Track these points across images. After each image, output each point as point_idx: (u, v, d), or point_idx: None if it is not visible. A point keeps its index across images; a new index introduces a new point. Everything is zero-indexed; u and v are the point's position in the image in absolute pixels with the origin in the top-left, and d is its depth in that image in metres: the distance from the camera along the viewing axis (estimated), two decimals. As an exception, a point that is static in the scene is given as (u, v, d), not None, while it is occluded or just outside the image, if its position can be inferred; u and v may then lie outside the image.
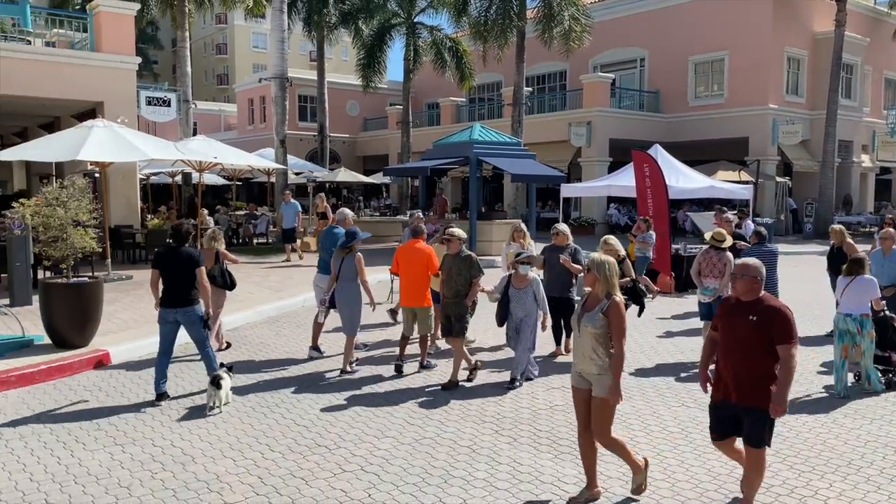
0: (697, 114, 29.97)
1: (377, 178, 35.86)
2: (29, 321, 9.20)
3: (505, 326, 7.66)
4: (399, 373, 7.88)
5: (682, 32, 29.98)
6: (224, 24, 66.31)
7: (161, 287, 6.96)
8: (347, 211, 9.69)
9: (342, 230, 8.69)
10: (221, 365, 7.03)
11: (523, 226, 9.58)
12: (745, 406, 4.36)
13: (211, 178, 26.15)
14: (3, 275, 11.91)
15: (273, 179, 22.44)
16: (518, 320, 7.48)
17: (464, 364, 7.63)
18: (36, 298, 10.49)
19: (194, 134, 24.02)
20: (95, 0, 17.09)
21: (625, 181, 16.69)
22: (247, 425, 6.24)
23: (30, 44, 16.93)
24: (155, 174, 24.40)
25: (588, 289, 4.82)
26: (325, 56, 33.20)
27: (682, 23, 30.03)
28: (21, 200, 8.87)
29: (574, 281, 8.49)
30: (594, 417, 4.69)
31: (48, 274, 11.32)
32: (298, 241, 17.98)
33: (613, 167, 25.22)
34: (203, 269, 6.96)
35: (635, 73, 32.55)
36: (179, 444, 5.79)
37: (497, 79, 36.76)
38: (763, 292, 4.46)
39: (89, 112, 17.24)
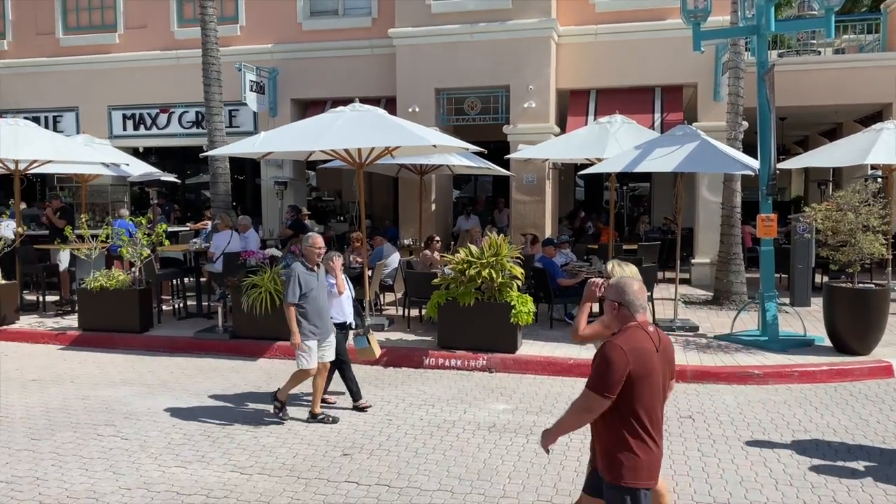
0: None
1: None
2: (807, 321, 9.56)
3: None
4: None
5: None
6: None
7: None
8: None
9: None
10: None
11: None
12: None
13: None
14: (783, 275, 12.74)
15: None
16: None
17: None
18: (814, 301, 10.88)
19: None
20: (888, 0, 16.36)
21: None
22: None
23: (819, 54, 17.45)
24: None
25: None
26: None
27: None
28: (812, 205, 9.22)
29: None
30: None
31: (825, 278, 11.52)
32: None
33: None
34: None
35: None
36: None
37: None
38: (631, 323, 3.22)
39: (872, 115, 16.67)
